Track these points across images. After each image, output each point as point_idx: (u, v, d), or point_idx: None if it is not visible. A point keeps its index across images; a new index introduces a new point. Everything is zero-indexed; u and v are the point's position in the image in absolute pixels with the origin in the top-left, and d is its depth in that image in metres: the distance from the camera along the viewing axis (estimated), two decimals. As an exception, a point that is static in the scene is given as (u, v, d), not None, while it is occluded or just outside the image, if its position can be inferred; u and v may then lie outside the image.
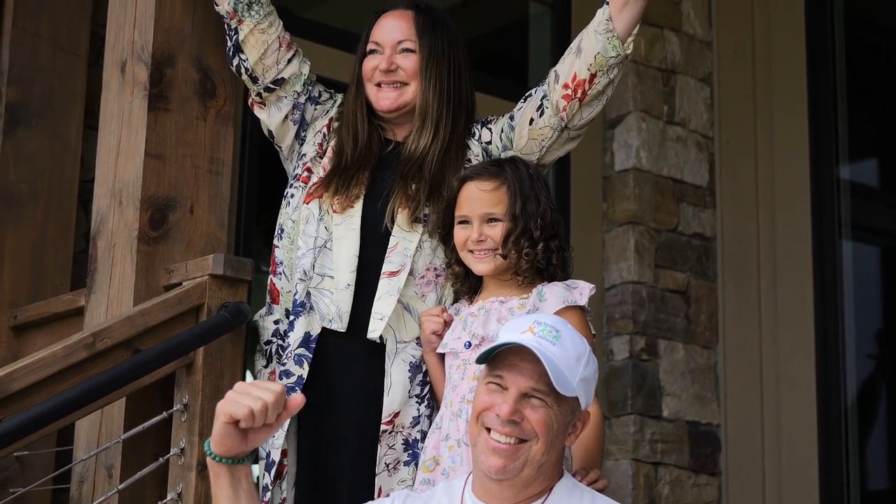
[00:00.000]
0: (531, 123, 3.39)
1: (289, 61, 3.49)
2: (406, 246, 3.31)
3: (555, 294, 3.13)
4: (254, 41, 3.46)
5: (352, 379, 3.32)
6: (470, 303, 3.27)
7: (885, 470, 5.41)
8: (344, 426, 3.30)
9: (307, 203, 3.40)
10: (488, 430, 2.70)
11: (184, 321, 3.31)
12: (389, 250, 3.32)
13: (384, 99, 3.44)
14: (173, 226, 3.47)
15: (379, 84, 3.45)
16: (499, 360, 2.72)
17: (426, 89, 3.41)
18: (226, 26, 3.50)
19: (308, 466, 3.31)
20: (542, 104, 3.38)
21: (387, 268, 3.31)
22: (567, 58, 3.36)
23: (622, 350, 5.30)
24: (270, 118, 3.51)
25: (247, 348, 3.46)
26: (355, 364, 3.32)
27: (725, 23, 5.70)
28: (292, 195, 3.45)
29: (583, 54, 3.31)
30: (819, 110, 5.41)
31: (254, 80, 3.49)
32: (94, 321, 3.43)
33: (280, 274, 3.42)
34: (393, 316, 3.29)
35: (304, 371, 3.29)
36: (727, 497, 5.39)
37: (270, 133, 3.55)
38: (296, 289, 3.34)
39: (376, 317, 3.28)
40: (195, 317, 3.34)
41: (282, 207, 3.47)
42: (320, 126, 3.51)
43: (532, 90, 3.45)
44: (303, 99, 3.51)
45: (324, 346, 3.32)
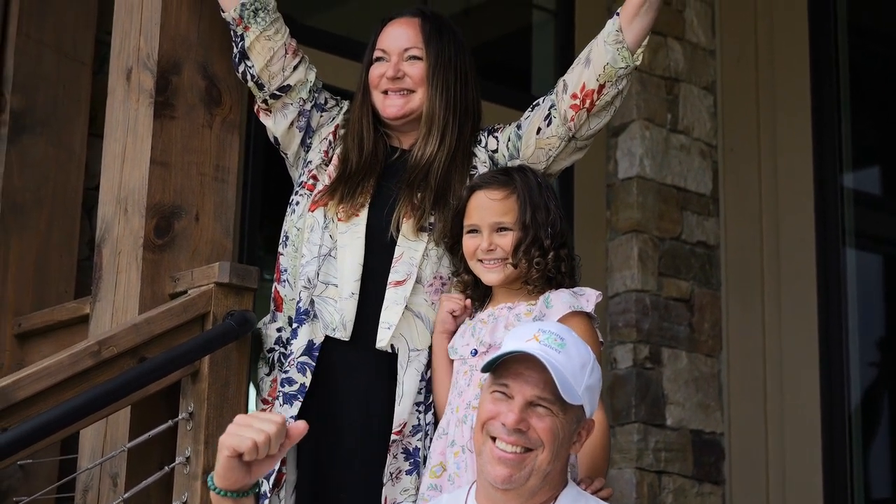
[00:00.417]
0: (538, 133, 3.39)
1: (295, 68, 3.48)
2: (411, 255, 3.31)
3: (561, 300, 3.13)
4: (259, 48, 3.46)
5: (355, 388, 3.31)
6: (480, 309, 3.27)
7: (889, 478, 5.40)
8: (347, 435, 3.29)
9: (312, 211, 3.39)
10: (493, 440, 2.69)
11: (189, 329, 3.30)
12: (395, 260, 3.31)
13: (390, 106, 3.44)
14: (179, 233, 3.46)
15: (385, 91, 3.44)
16: (504, 369, 2.71)
17: (433, 97, 3.41)
18: (232, 33, 3.50)
19: (308, 475, 3.30)
20: (550, 113, 3.38)
21: (393, 277, 3.30)
22: (576, 68, 3.36)
23: (626, 358, 5.30)
24: (276, 125, 3.51)
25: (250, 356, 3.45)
26: (359, 373, 3.31)
27: (728, 31, 5.70)
28: (297, 202, 3.45)
29: (592, 65, 3.31)
30: (822, 118, 5.41)
31: (259, 87, 3.48)
32: (99, 329, 3.42)
33: (284, 282, 3.41)
34: (404, 325, 3.28)
35: (307, 379, 3.28)
36: (731, 506, 5.40)
37: (276, 140, 3.54)
38: (299, 296, 3.33)
39: (383, 326, 3.28)
40: (201, 325, 3.32)
41: (287, 215, 3.47)
42: (326, 133, 3.51)
43: (539, 99, 3.45)
44: (308, 106, 3.50)
45: (327, 355, 3.31)
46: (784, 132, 5.48)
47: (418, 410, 3.28)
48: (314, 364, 3.29)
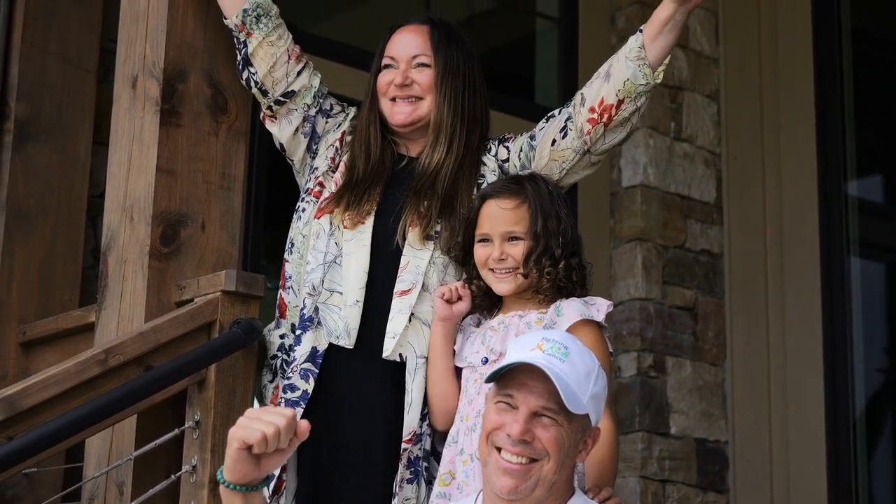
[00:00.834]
0: (553, 144, 3.38)
1: (298, 73, 3.48)
2: (417, 264, 3.30)
3: (572, 309, 3.12)
4: (263, 54, 3.46)
5: (358, 396, 3.30)
6: (490, 317, 3.27)
7: (894, 486, 5.39)
8: (348, 443, 3.29)
9: (318, 218, 3.39)
10: (498, 450, 2.68)
11: (196, 338, 3.30)
12: (401, 269, 3.31)
13: (399, 113, 3.43)
14: (185, 241, 3.46)
15: (394, 98, 3.44)
16: (508, 379, 2.70)
17: (441, 104, 3.41)
18: (235, 40, 3.50)
19: (309, 482, 3.29)
20: (567, 126, 3.37)
21: (399, 287, 3.30)
22: (595, 82, 3.36)
23: (630, 367, 5.29)
24: (281, 131, 3.51)
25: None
26: (362, 381, 3.31)
27: (732, 39, 5.70)
28: (303, 209, 3.44)
29: (612, 79, 3.31)
30: (826, 126, 5.40)
31: (263, 94, 3.48)
32: (105, 337, 3.41)
33: (289, 288, 3.41)
34: (411, 333, 3.28)
35: (310, 386, 3.28)
36: (735, 514, 5.39)
37: (282, 147, 3.54)
38: (304, 303, 3.33)
39: (389, 336, 3.28)
40: (207, 333, 3.32)
41: (293, 222, 3.46)
42: (332, 139, 3.50)
43: (555, 111, 3.45)
44: (313, 111, 3.50)
45: (330, 362, 3.30)
46: (788, 140, 5.48)
47: (418, 419, 3.27)
48: (317, 371, 3.28)
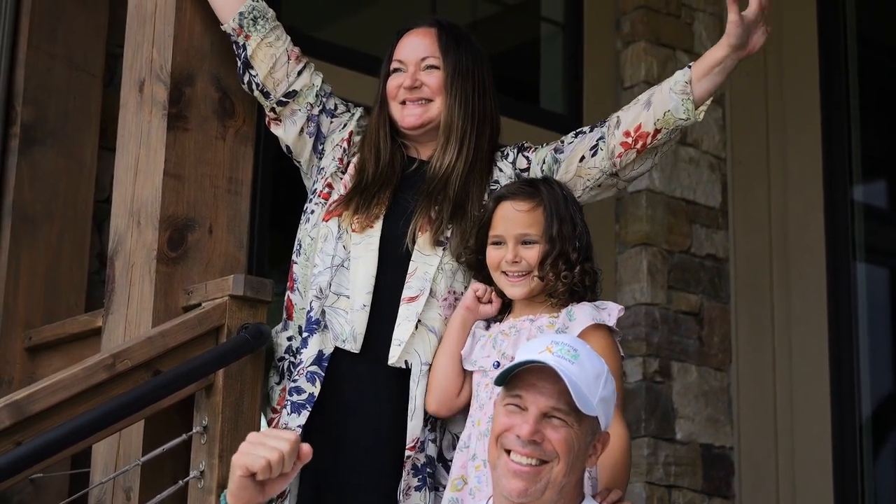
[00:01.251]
0: (581, 161, 3.39)
1: (299, 73, 3.48)
2: (426, 270, 3.30)
3: (584, 313, 3.12)
4: (262, 55, 3.46)
5: (363, 400, 3.30)
6: (499, 321, 3.26)
7: (900, 492, 5.39)
8: (353, 448, 3.28)
9: (326, 221, 3.38)
10: (508, 453, 2.68)
11: (204, 342, 3.29)
12: (409, 275, 3.30)
13: (409, 115, 3.43)
14: (192, 246, 3.45)
15: (404, 102, 3.43)
16: (517, 381, 2.69)
17: (451, 105, 3.40)
18: (233, 45, 3.50)
19: (311, 487, 3.28)
20: (598, 145, 3.38)
21: (406, 293, 3.29)
22: (633, 108, 3.38)
23: (635, 372, 5.28)
24: (286, 133, 3.50)
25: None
26: (367, 386, 3.30)
27: (738, 44, 5.68)
28: (312, 211, 3.44)
29: (652, 108, 3.33)
30: (832, 130, 5.40)
31: (266, 96, 3.48)
32: (112, 342, 3.40)
33: (296, 290, 3.40)
34: (417, 339, 3.27)
35: (316, 389, 3.27)
36: (741, 520, 5.38)
37: (288, 149, 3.54)
38: (310, 306, 3.32)
39: (395, 343, 3.27)
40: (215, 338, 3.31)
41: (301, 223, 3.46)
42: (338, 139, 3.50)
43: (585, 128, 3.45)
44: (316, 111, 3.49)
45: (336, 366, 3.30)
46: (793, 145, 5.47)
47: (423, 426, 3.26)
48: (323, 374, 3.27)
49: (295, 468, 2.47)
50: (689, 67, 3.32)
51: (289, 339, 3.39)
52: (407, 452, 3.22)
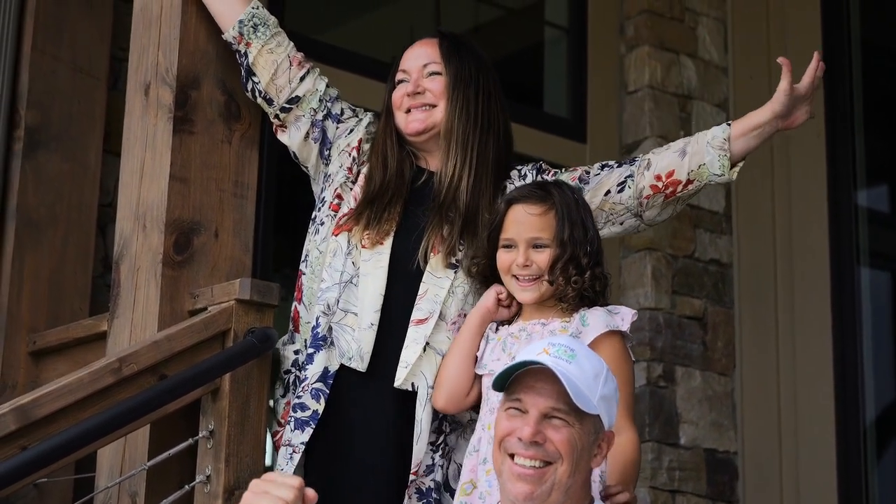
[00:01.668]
0: (607, 195, 3.39)
1: (302, 79, 3.47)
2: (436, 293, 3.28)
3: (597, 318, 3.11)
4: (263, 62, 3.45)
5: (367, 420, 3.28)
6: (509, 323, 3.25)
7: (905, 497, 5.38)
8: (356, 467, 3.27)
9: (336, 235, 3.36)
10: (512, 457, 2.67)
11: (210, 346, 3.28)
12: (419, 297, 3.28)
13: (413, 121, 3.42)
14: (198, 250, 3.44)
15: (408, 110, 3.43)
16: (516, 385, 2.70)
17: (452, 111, 3.40)
18: (236, 53, 3.49)
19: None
20: (626, 182, 3.38)
21: (416, 315, 3.27)
22: (667, 153, 3.37)
23: (639, 377, 5.26)
24: (291, 139, 3.49)
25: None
26: (373, 406, 3.29)
27: (741, 48, 5.68)
28: (322, 222, 3.42)
29: (687, 158, 3.33)
30: (836, 135, 5.39)
31: (269, 102, 3.47)
32: (118, 346, 3.39)
33: (303, 302, 3.39)
34: (425, 362, 3.26)
35: (320, 406, 3.26)
36: (745, 525, 5.37)
37: (295, 155, 3.53)
38: (317, 321, 3.30)
39: (402, 365, 3.25)
40: (221, 342, 3.30)
41: (310, 233, 3.44)
42: (345, 145, 3.48)
43: (612, 162, 3.46)
44: (321, 116, 3.48)
45: (341, 384, 3.28)
46: (797, 149, 5.46)
47: (431, 450, 3.26)
48: (328, 392, 3.26)
49: None
50: (729, 125, 3.34)
51: (295, 353, 3.38)
52: (411, 477, 3.21)
